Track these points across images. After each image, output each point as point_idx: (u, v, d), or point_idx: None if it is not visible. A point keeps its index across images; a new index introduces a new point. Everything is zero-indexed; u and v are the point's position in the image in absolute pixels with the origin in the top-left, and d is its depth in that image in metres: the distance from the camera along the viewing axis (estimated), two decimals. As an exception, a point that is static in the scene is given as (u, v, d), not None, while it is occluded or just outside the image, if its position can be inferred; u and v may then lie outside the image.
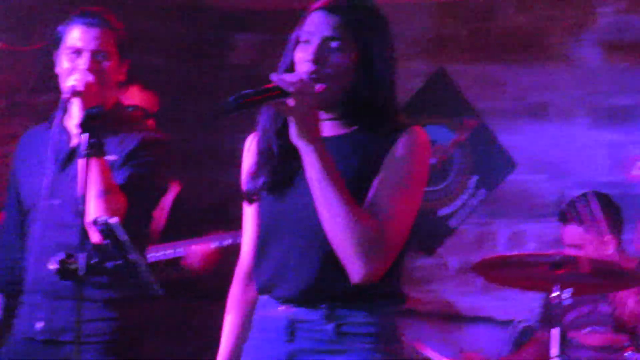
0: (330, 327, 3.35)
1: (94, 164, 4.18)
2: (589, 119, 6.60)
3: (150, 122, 5.58)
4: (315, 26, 3.32)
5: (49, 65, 6.47)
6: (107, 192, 4.25)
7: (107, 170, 4.27)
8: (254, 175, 3.44)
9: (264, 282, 3.44)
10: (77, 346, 3.79)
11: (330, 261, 3.29)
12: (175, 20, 7.68)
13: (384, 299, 3.38)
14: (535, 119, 6.70)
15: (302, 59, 3.30)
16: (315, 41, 3.29)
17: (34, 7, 6.83)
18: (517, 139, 6.54)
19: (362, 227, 3.17)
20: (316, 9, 3.33)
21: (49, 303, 4.42)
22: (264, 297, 3.47)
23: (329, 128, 3.38)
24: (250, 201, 3.50)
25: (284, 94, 3.17)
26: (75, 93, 4.26)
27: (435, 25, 7.12)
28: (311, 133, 3.16)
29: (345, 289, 3.31)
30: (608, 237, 5.59)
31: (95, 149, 4.13)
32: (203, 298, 7.10)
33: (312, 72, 3.24)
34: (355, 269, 3.21)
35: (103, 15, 4.48)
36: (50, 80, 6.59)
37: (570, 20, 6.66)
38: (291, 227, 3.39)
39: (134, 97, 5.57)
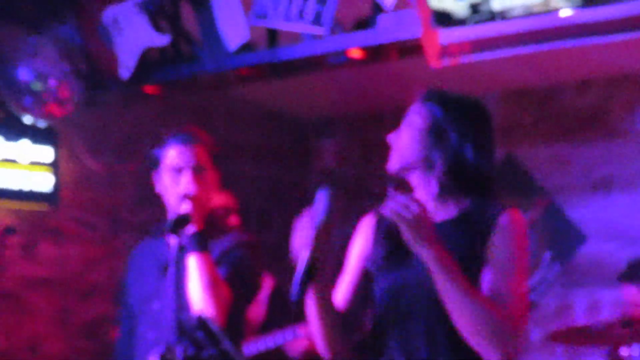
0: None
1: (201, 259, 4.36)
2: (652, 187, 6.65)
3: (235, 218, 5.70)
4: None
5: (146, 184, 6.70)
6: (213, 285, 4.36)
7: (212, 264, 4.39)
8: (374, 254, 3.55)
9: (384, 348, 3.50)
10: None
11: (445, 332, 3.36)
12: (265, 130, 7.85)
13: None
14: (601, 192, 6.76)
15: None
16: None
17: (130, 131, 7.03)
18: (586, 211, 6.60)
19: (496, 320, 3.23)
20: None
21: None
22: None
23: (440, 212, 3.48)
24: (370, 277, 3.56)
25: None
26: (187, 197, 4.42)
27: (502, 113, 7.11)
28: (425, 241, 3.24)
29: (459, 353, 3.36)
30: None
31: (201, 246, 4.38)
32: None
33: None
34: (495, 358, 3.27)
35: (195, 133, 4.63)
36: (147, 199, 6.83)
37: (627, 98, 6.74)
38: (402, 301, 3.46)
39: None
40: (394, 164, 3.53)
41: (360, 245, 3.65)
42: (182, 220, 4.30)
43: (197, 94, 6.55)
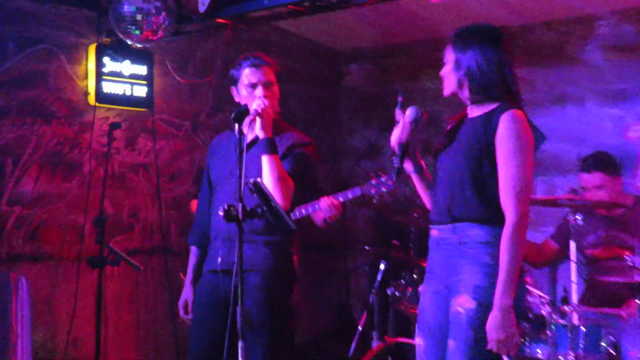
0: (455, 240, 3.64)
1: (271, 159, 4.44)
2: (596, 101, 6.58)
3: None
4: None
5: (219, 96, 6.67)
6: (281, 179, 4.44)
7: (280, 162, 4.48)
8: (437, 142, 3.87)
9: (431, 213, 3.83)
10: (240, 271, 3.89)
11: (459, 195, 3.64)
12: (306, 57, 7.81)
13: (491, 223, 3.59)
14: (558, 105, 6.71)
15: None
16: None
17: (207, 53, 7.02)
18: (546, 120, 6.48)
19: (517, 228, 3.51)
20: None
21: (225, 245, 4.59)
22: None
23: (470, 112, 3.78)
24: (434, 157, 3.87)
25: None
26: (258, 114, 4.48)
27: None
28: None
29: (465, 215, 3.63)
30: (620, 180, 5.67)
31: (272, 149, 4.44)
32: (328, 252, 7.32)
33: None
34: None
35: (264, 57, 4.69)
36: (219, 106, 6.86)
37: (580, 34, 6.67)
38: (443, 174, 3.76)
39: None
40: (445, 91, 3.82)
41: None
42: (243, 112, 4.35)
43: (257, 26, 6.52)
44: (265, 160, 4.46)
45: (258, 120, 4.50)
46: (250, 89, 4.62)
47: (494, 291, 3.52)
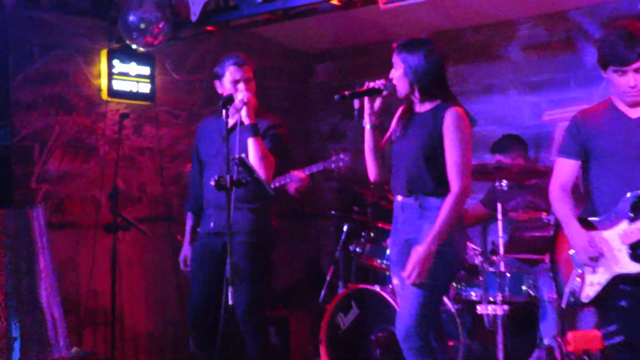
0: (417, 204, 3.74)
1: (255, 141, 4.46)
2: (517, 91, 6.58)
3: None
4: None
5: (210, 90, 6.66)
6: (264, 157, 4.47)
7: (262, 143, 4.51)
8: (392, 131, 3.93)
9: (393, 186, 3.89)
10: (229, 231, 3.94)
11: (417, 174, 3.73)
12: (280, 58, 7.74)
13: (443, 195, 3.71)
14: (486, 94, 6.71)
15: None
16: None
17: (199, 55, 6.95)
18: (476, 106, 6.49)
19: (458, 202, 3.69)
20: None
21: (217, 212, 4.63)
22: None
23: (418, 107, 3.86)
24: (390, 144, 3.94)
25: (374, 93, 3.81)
26: (245, 103, 4.50)
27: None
28: (427, 252, 3.73)
29: (422, 191, 3.75)
30: (519, 160, 5.68)
31: (255, 132, 4.44)
32: (301, 217, 7.32)
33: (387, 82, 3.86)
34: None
35: (244, 57, 4.70)
36: (210, 99, 6.82)
37: (503, 35, 6.66)
38: (401, 157, 3.82)
39: None
40: (400, 94, 3.85)
41: (393, 123, 3.99)
42: (229, 100, 4.34)
43: (238, 32, 6.49)
44: (250, 142, 4.47)
45: (244, 108, 4.52)
46: (234, 84, 4.62)
47: (446, 241, 3.68)
